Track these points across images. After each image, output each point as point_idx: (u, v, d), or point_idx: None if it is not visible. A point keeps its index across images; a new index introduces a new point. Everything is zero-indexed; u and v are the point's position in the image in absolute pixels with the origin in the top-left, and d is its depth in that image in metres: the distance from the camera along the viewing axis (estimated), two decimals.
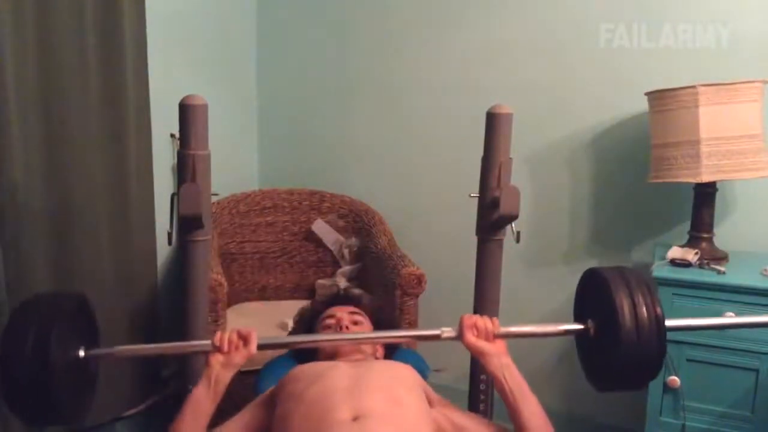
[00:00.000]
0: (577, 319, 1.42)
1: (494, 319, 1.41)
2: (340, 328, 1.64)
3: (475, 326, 1.39)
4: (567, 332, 1.40)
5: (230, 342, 1.37)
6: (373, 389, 1.36)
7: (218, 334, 1.39)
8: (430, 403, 1.44)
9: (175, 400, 1.90)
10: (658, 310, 1.23)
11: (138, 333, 2.21)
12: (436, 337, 1.41)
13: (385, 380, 1.41)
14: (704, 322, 1.49)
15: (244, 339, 1.38)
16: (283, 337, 1.58)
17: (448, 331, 1.41)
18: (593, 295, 1.34)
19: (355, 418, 1.27)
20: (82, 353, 1.32)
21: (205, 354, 1.39)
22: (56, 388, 1.20)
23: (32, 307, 1.26)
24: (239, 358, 1.37)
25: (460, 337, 1.40)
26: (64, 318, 1.26)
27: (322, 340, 1.57)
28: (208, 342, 1.39)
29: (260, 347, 1.39)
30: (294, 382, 1.42)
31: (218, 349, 1.37)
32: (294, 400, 1.37)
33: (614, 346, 1.23)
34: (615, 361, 1.24)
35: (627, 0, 2.22)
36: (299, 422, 1.31)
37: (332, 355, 1.58)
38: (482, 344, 1.38)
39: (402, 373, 1.46)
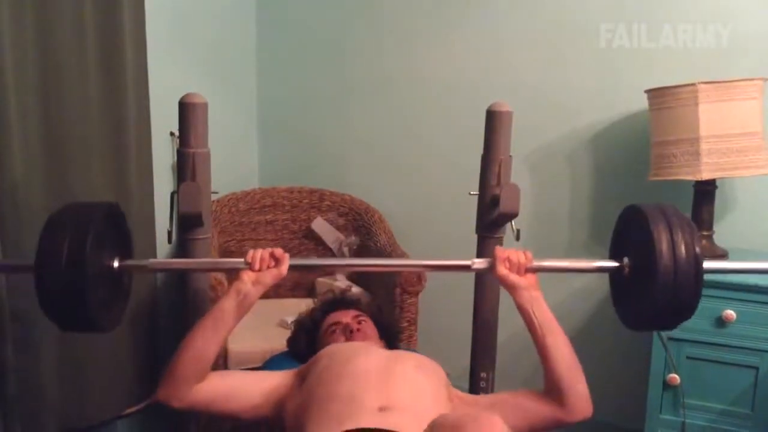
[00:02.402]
0: (614, 256, 1.40)
1: (527, 252, 1.42)
2: (351, 332, 1.65)
3: (508, 259, 1.40)
4: (601, 269, 1.39)
5: (262, 260, 1.39)
6: (402, 381, 1.37)
7: (251, 252, 1.40)
8: (450, 398, 1.44)
9: None
10: (697, 249, 1.20)
11: (138, 331, 2.21)
12: (467, 268, 1.42)
13: (415, 374, 1.41)
14: (744, 265, 1.47)
15: (276, 260, 1.40)
16: (314, 259, 1.59)
17: (479, 262, 1.42)
18: (631, 232, 1.31)
19: (382, 409, 1.28)
20: (116, 263, 1.34)
21: (237, 271, 1.40)
22: (90, 295, 1.21)
23: (69, 214, 1.26)
24: (270, 278, 1.39)
25: (491, 269, 1.40)
26: (100, 226, 1.27)
27: (346, 265, 1.58)
28: (241, 260, 1.40)
29: (291, 268, 1.41)
30: (325, 363, 1.42)
31: (250, 266, 1.38)
32: (324, 383, 1.36)
33: (650, 284, 1.21)
34: (650, 299, 1.22)
35: (627, 0, 2.22)
36: (326, 403, 1.31)
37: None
38: (513, 277, 1.39)
39: (430, 367, 1.47)
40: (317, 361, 1.46)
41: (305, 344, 1.74)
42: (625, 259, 1.34)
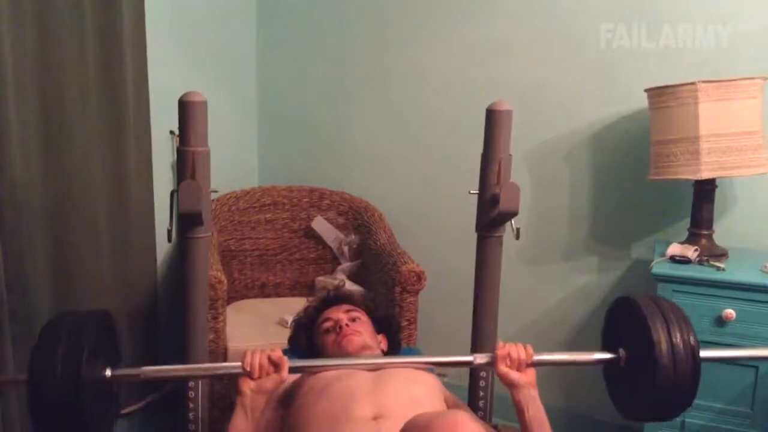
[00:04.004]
0: (607, 347, 1.39)
1: (528, 347, 1.39)
2: (340, 328, 1.65)
3: (509, 356, 1.37)
4: (599, 361, 1.37)
5: (261, 367, 1.35)
6: (394, 390, 1.37)
7: (248, 358, 1.36)
8: (447, 406, 1.44)
9: (175, 398, 1.91)
10: (693, 340, 1.21)
11: (137, 330, 2.21)
12: (469, 364, 1.42)
13: (407, 382, 1.41)
14: (738, 353, 1.46)
15: (275, 365, 1.36)
16: (312, 360, 1.59)
17: (480, 357, 1.41)
18: (626, 324, 1.32)
19: (375, 417, 1.28)
20: (108, 373, 1.29)
21: (236, 377, 1.37)
22: (85, 410, 1.18)
23: (61, 326, 1.23)
24: (270, 384, 1.36)
25: (492, 365, 1.38)
26: (93, 338, 1.24)
27: (348, 365, 1.50)
28: (238, 364, 1.37)
29: (291, 370, 1.37)
30: (315, 378, 1.43)
31: (249, 374, 1.35)
32: (315, 393, 1.37)
33: (649, 378, 1.22)
34: (648, 393, 1.23)
35: (627, 0, 2.22)
36: (319, 415, 1.32)
37: (340, 353, 1.59)
38: (514, 375, 1.37)
39: (423, 376, 1.46)
40: (303, 382, 1.45)
41: (305, 342, 1.74)
42: (621, 351, 1.33)
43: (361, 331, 1.65)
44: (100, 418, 1.28)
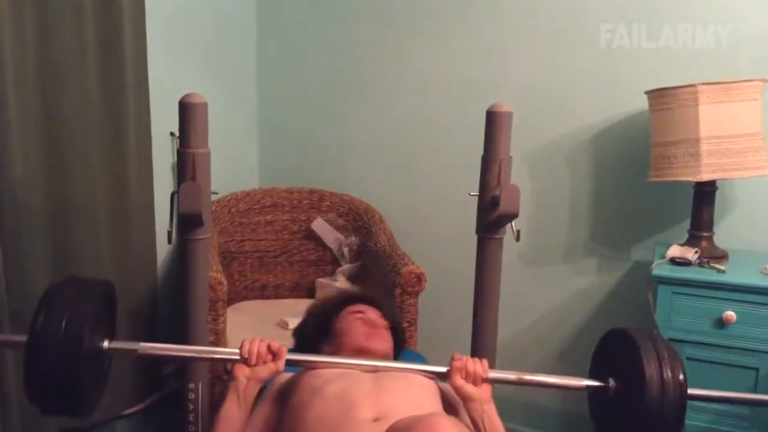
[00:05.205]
0: (597, 374, 1.39)
1: (484, 361, 1.40)
2: (375, 327, 1.62)
3: (465, 369, 1.38)
4: (588, 388, 1.38)
5: (259, 355, 1.36)
6: (395, 391, 1.36)
7: (247, 345, 1.37)
8: (446, 408, 1.44)
9: (175, 399, 1.91)
10: (681, 377, 1.24)
11: (137, 331, 2.21)
12: (443, 375, 1.42)
13: (406, 384, 1.41)
14: (726, 394, 1.47)
15: (274, 354, 1.37)
16: (311, 354, 1.58)
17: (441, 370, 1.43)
18: (619, 355, 1.33)
19: (376, 419, 1.27)
20: (106, 344, 1.30)
21: (232, 363, 1.38)
22: (82, 379, 1.18)
23: (64, 293, 1.22)
24: (266, 373, 1.37)
25: (448, 377, 1.39)
26: (97, 306, 1.24)
27: (343, 363, 1.48)
28: (236, 350, 1.38)
29: (288, 362, 1.38)
30: (312, 377, 1.41)
31: (245, 360, 1.36)
32: (312, 391, 1.36)
33: (636, 411, 1.23)
34: (634, 424, 1.24)
35: (627, 0, 2.22)
36: (318, 414, 1.30)
37: (361, 345, 1.57)
38: (469, 388, 1.37)
39: (419, 378, 1.46)
40: (299, 380, 1.44)
41: (313, 327, 1.69)
42: (611, 380, 1.34)
43: (389, 339, 1.63)
44: (92, 390, 1.28)
